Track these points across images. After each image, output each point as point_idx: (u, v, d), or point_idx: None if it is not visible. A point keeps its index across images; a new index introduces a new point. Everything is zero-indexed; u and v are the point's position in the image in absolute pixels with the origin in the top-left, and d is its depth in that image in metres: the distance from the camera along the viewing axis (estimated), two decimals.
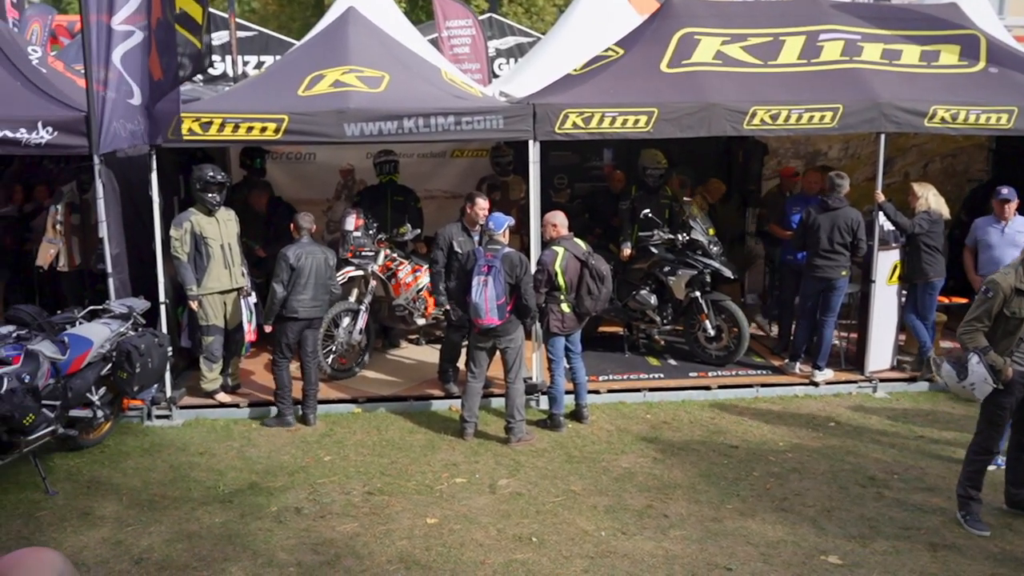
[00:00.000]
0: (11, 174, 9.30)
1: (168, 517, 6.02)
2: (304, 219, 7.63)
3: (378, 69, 8.13)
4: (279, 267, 7.40)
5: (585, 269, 7.27)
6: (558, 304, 7.36)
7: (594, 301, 7.31)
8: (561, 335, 7.44)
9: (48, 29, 14.28)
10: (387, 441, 7.30)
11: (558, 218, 7.49)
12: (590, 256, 7.32)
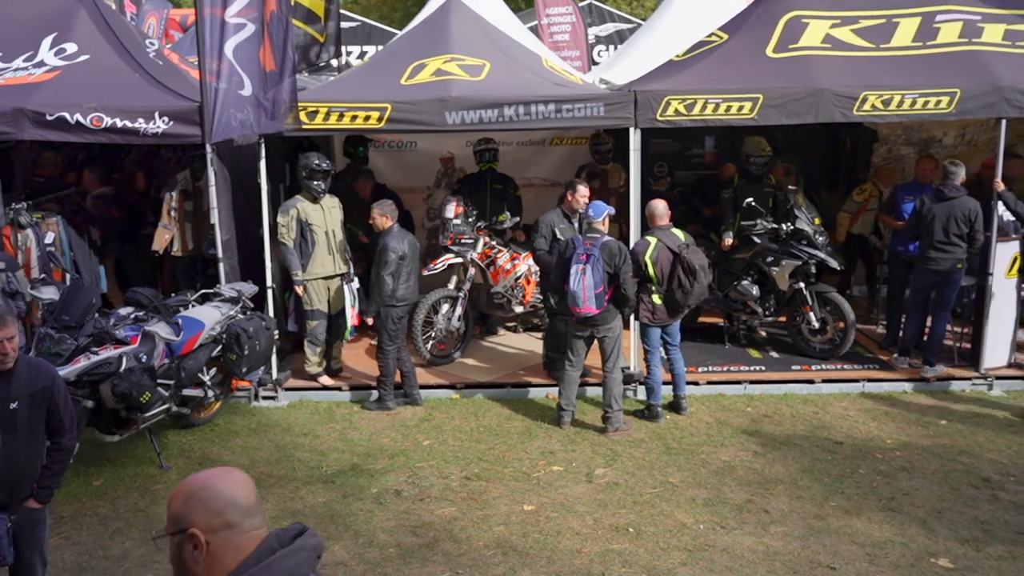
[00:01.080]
0: (131, 162, 9.70)
1: (274, 495, 6.21)
2: (391, 207, 7.68)
3: (479, 57, 8.17)
4: (387, 259, 7.43)
5: (677, 261, 7.15)
6: (649, 295, 7.27)
7: (684, 295, 7.16)
8: (652, 326, 7.35)
9: (164, 22, 14.85)
10: (484, 427, 7.37)
11: (651, 208, 7.40)
12: (684, 248, 7.18)
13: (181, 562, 1.97)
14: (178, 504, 1.97)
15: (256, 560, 1.93)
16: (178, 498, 1.98)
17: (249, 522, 1.97)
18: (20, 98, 7.26)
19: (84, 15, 8.24)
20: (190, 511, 1.94)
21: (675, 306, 7.28)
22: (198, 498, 1.96)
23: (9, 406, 3.93)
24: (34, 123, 7.17)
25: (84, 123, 7.16)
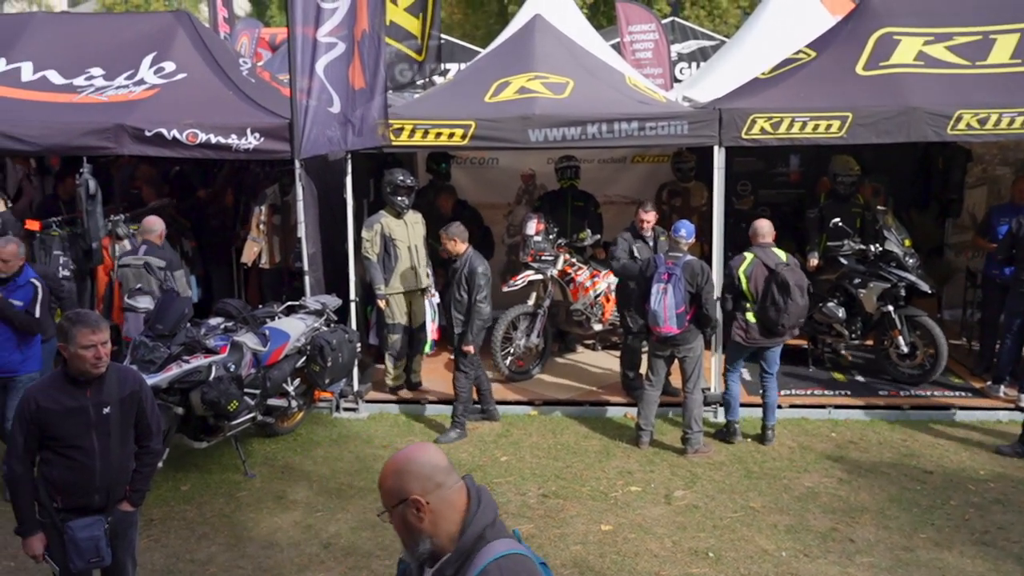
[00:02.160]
0: (223, 177, 10.00)
1: (354, 506, 6.30)
2: (461, 230, 7.39)
3: (563, 75, 8.21)
4: (479, 283, 7.21)
5: (772, 279, 7.01)
6: (743, 312, 7.16)
7: (778, 312, 6.98)
8: (744, 345, 7.22)
9: (255, 42, 15.30)
10: (562, 445, 7.35)
11: (754, 227, 7.28)
12: (782, 266, 7.04)
13: (409, 526, 2.29)
14: (392, 481, 2.28)
15: (477, 504, 2.30)
16: (389, 477, 2.29)
17: (452, 478, 2.31)
18: (121, 115, 7.58)
19: (182, 35, 8.57)
20: (405, 483, 2.27)
21: (769, 325, 7.08)
22: (407, 470, 2.28)
23: (102, 411, 4.06)
24: (133, 139, 7.47)
25: (180, 139, 7.43)
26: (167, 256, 7.55)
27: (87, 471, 4.04)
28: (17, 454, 4.00)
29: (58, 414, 3.97)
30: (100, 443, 4.06)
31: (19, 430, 4.00)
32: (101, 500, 4.12)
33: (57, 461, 4.02)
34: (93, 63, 8.40)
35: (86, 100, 7.91)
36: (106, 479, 4.10)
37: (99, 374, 4.02)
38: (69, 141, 7.55)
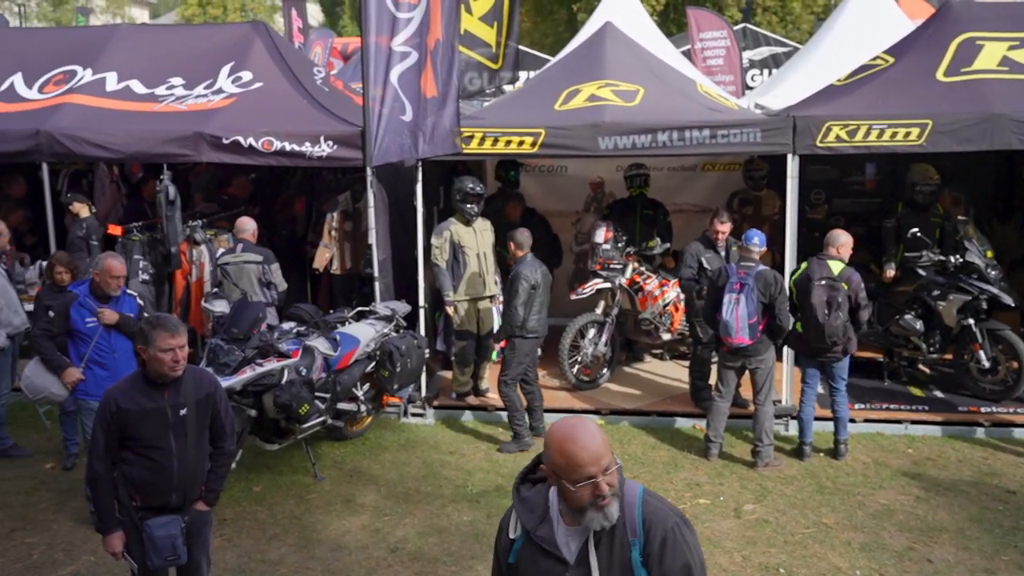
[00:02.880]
0: (295, 184, 10.19)
1: (421, 511, 6.34)
2: (526, 236, 7.43)
3: (633, 83, 8.16)
4: (517, 287, 7.17)
5: (811, 292, 6.87)
6: (795, 322, 7.04)
7: (806, 327, 6.92)
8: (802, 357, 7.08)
9: (328, 51, 15.58)
10: (629, 455, 7.28)
11: (830, 237, 7.11)
12: (818, 280, 6.85)
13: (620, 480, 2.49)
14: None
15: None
16: (603, 440, 2.45)
17: None
18: (199, 123, 7.77)
19: (259, 45, 8.77)
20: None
21: (810, 338, 6.97)
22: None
23: (179, 412, 4.16)
24: (211, 146, 7.65)
25: (256, 146, 7.58)
26: (263, 252, 7.81)
27: (165, 471, 4.14)
28: (98, 453, 4.11)
29: (137, 415, 4.08)
30: (177, 444, 4.16)
31: (100, 430, 4.11)
32: (178, 499, 4.22)
33: (136, 461, 4.13)
34: (174, 73, 8.64)
35: (167, 109, 8.14)
36: (183, 479, 4.19)
37: (176, 376, 4.12)
38: (150, 149, 7.77)
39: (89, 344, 6.01)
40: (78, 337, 6.05)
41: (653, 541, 2.46)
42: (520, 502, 2.59)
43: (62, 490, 6.69)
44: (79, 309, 6.01)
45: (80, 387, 6.06)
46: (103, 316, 6.00)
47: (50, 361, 6.06)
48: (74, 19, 35.53)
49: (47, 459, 7.22)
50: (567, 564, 2.50)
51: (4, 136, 7.90)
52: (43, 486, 6.78)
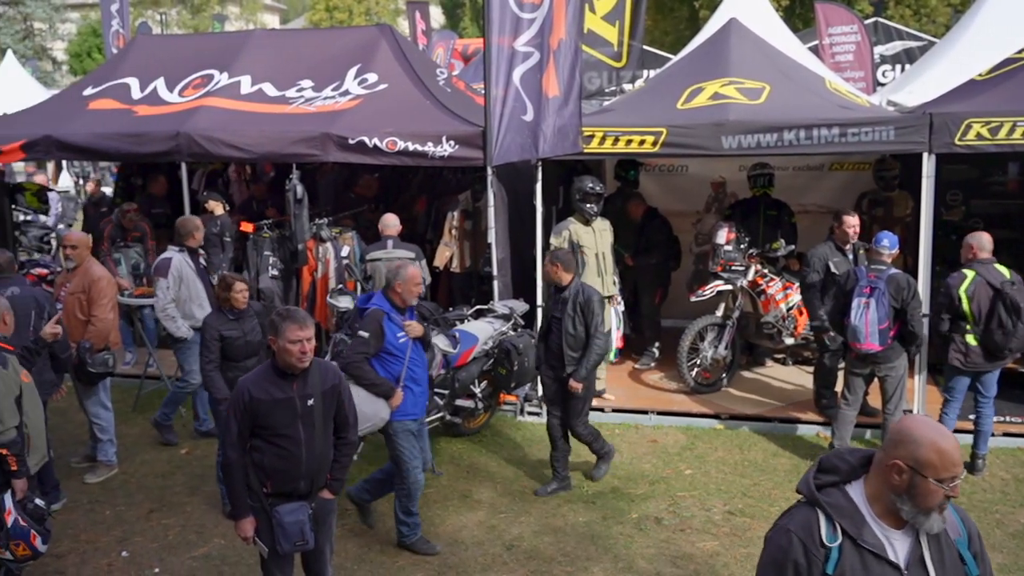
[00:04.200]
0: (417, 184, 10.39)
1: (536, 510, 6.35)
2: (568, 257, 6.57)
3: (759, 80, 7.96)
4: (599, 311, 6.39)
5: (999, 299, 6.48)
6: (962, 334, 6.65)
7: (1006, 336, 6.41)
8: (963, 371, 6.72)
9: (450, 52, 15.81)
10: (749, 461, 7.11)
11: (978, 239, 6.75)
12: (1009, 285, 6.50)
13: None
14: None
15: None
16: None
17: None
18: (327, 124, 8.01)
19: (385, 47, 8.98)
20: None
21: (993, 349, 6.54)
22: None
23: (307, 402, 4.29)
24: (338, 146, 7.87)
25: (380, 146, 7.75)
26: (411, 248, 8.00)
27: (294, 459, 4.28)
28: (231, 441, 4.28)
29: (268, 404, 4.23)
30: (305, 433, 4.29)
31: (233, 419, 4.27)
32: (306, 487, 4.36)
33: (267, 449, 4.28)
34: (303, 76, 8.94)
35: (297, 111, 8.43)
36: (310, 467, 4.33)
37: (304, 368, 4.26)
38: (281, 149, 8.06)
39: (402, 361, 5.57)
40: (388, 354, 5.57)
41: (973, 537, 2.58)
42: (831, 507, 2.53)
43: (196, 475, 7.01)
44: (389, 324, 5.54)
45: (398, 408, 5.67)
46: (411, 329, 5.62)
47: (379, 386, 5.53)
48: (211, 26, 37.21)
49: (182, 444, 7.57)
50: (899, 568, 2.48)
51: (147, 138, 8.34)
52: (178, 470, 7.13)
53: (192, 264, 7.40)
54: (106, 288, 6.94)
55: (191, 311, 7.32)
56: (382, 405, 5.56)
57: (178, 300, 7.24)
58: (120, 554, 5.81)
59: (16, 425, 4.86)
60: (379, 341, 5.52)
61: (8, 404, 4.84)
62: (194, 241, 7.41)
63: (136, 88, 9.26)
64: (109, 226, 9.68)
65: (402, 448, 5.67)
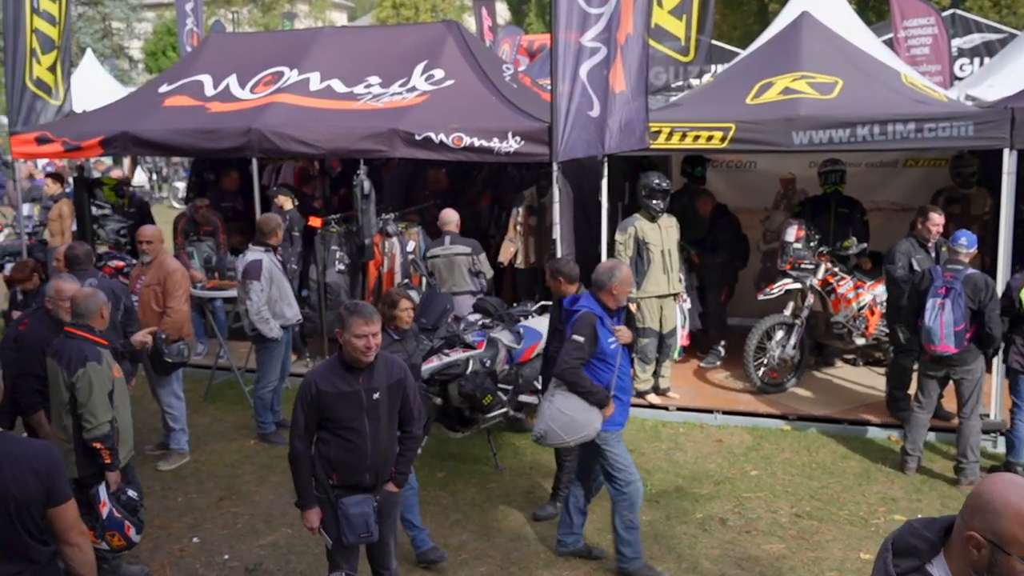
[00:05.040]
0: (482, 180, 10.42)
1: (599, 507, 6.26)
2: (573, 269, 6.00)
3: (831, 74, 7.80)
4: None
5: None
6: (1022, 337, 6.45)
7: None
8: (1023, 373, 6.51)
9: (515, 48, 15.82)
10: (817, 463, 6.97)
11: None
12: None
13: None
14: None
15: None
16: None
17: None
18: (394, 120, 8.07)
19: (452, 44, 9.01)
20: None
21: None
22: None
23: (373, 396, 4.33)
24: (405, 142, 7.92)
25: (447, 142, 7.78)
26: (470, 243, 8.05)
27: (359, 452, 4.33)
28: (299, 433, 4.34)
29: (334, 397, 4.27)
30: (371, 426, 4.34)
31: (300, 411, 4.32)
32: (371, 479, 4.41)
33: (333, 441, 4.33)
34: (371, 72, 9.03)
35: (364, 107, 8.52)
36: (375, 460, 4.38)
37: (369, 362, 4.30)
38: (349, 145, 8.15)
39: (613, 368, 5.24)
40: (600, 360, 5.21)
41: None
42: None
43: (264, 465, 7.14)
44: (602, 328, 5.19)
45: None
46: (622, 335, 5.33)
47: (594, 394, 5.15)
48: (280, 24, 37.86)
49: (251, 435, 7.72)
50: None
51: (220, 134, 8.52)
52: (247, 460, 7.27)
53: (278, 263, 7.55)
54: (180, 280, 7.11)
55: (281, 310, 7.46)
56: (595, 415, 5.15)
57: (269, 301, 7.36)
58: (191, 540, 5.95)
59: (109, 420, 5.01)
60: (593, 346, 5.14)
61: (102, 399, 4.99)
62: (276, 239, 7.54)
63: (209, 85, 9.46)
64: (182, 220, 9.93)
65: (617, 456, 5.33)
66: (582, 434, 5.17)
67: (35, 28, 9.44)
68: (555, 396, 5.19)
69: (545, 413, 5.22)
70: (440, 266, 8.01)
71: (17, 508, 3.14)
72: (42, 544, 3.28)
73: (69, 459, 4.96)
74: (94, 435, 4.95)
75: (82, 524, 3.46)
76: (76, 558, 3.34)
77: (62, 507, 3.27)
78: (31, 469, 3.18)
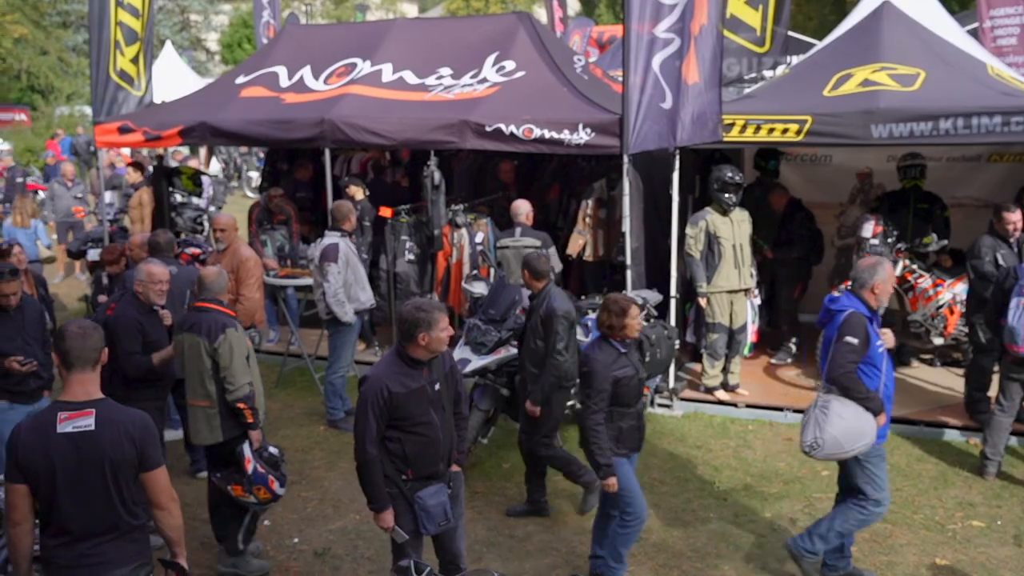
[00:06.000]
0: (551, 172, 10.38)
1: (665, 503, 6.27)
2: (545, 263, 6.09)
3: (913, 66, 7.57)
4: (557, 327, 5.80)
5: None
6: None
7: None
8: None
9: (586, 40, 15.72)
10: (892, 465, 6.75)
11: None
12: None
13: None
14: None
15: None
16: None
17: None
18: (465, 111, 8.10)
19: (523, 35, 9.00)
20: None
21: None
22: None
23: (435, 387, 4.41)
24: (475, 134, 7.96)
25: (517, 134, 7.79)
26: (540, 235, 8.05)
27: (434, 443, 4.38)
28: (371, 438, 4.28)
29: (405, 396, 4.29)
30: (439, 417, 4.40)
31: (372, 416, 4.26)
32: (444, 467, 4.48)
33: (406, 438, 4.33)
34: (443, 64, 9.07)
35: (435, 98, 8.56)
36: (446, 447, 4.45)
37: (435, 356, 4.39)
38: (420, 136, 8.20)
39: (880, 374, 4.96)
40: (868, 365, 4.94)
41: None
42: None
43: (333, 451, 7.25)
44: (872, 330, 4.94)
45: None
46: (887, 338, 5.07)
47: (871, 400, 4.85)
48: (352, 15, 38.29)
49: (321, 421, 7.85)
50: None
51: (295, 124, 8.65)
52: (317, 446, 7.39)
53: (353, 248, 7.67)
54: (253, 268, 7.25)
55: (355, 294, 7.58)
56: (869, 421, 4.83)
57: (344, 284, 7.47)
58: (263, 523, 6.07)
59: (249, 382, 5.32)
60: (865, 349, 4.86)
61: (241, 363, 5.30)
62: (349, 225, 7.67)
63: (284, 76, 9.61)
64: (257, 209, 10.12)
65: (875, 475, 5.02)
66: (861, 443, 4.80)
67: (119, 21, 9.71)
68: (831, 403, 4.83)
69: (819, 420, 4.82)
70: (510, 257, 8.01)
71: (112, 470, 3.49)
72: (130, 515, 3.58)
73: (213, 424, 5.32)
74: (237, 396, 5.25)
75: (173, 491, 3.70)
76: (165, 521, 3.68)
77: (154, 472, 3.60)
78: (127, 434, 3.53)
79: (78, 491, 3.48)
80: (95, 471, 3.47)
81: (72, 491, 3.48)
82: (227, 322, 5.35)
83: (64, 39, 33.32)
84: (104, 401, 3.58)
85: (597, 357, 4.89)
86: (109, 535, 3.55)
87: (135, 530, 3.62)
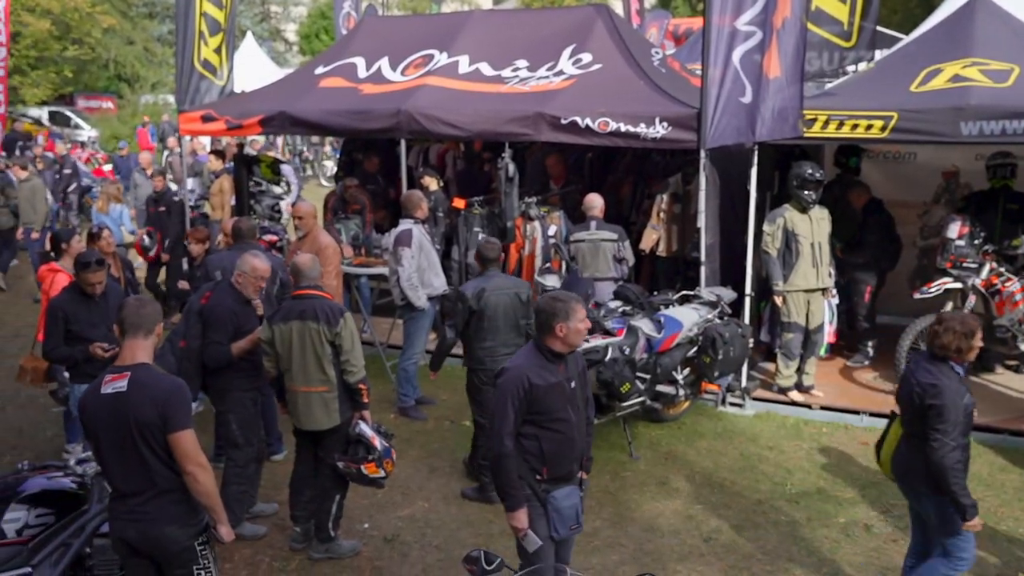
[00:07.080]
0: (624, 166, 10.29)
1: (736, 503, 6.19)
2: (491, 249, 6.45)
3: (1007, 61, 7.32)
4: (457, 309, 6.27)
5: None
6: None
7: None
8: None
9: (663, 32, 15.55)
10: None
11: None
12: None
13: None
14: None
15: None
16: None
17: None
18: (540, 103, 8.09)
19: (600, 27, 8.95)
20: None
21: None
22: None
23: (571, 384, 4.28)
24: (550, 126, 7.94)
25: (592, 127, 7.75)
26: (615, 229, 8.07)
27: (571, 442, 4.24)
28: (509, 430, 4.11)
29: (544, 389, 4.15)
30: (575, 415, 4.27)
31: (511, 408, 4.10)
32: (577, 469, 4.34)
33: (544, 435, 4.18)
34: (519, 55, 9.07)
35: (511, 90, 8.56)
36: (580, 448, 4.32)
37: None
38: (495, 128, 8.22)
39: None
40: None
41: None
42: None
43: (403, 439, 7.31)
44: None
45: None
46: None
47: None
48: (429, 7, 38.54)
49: (391, 409, 7.93)
50: None
51: (372, 115, 8.75)
52: None
53: (427, 235, 7.74)
54: (332, 256, 7.36)
55: (429, 280, 7.65)
56: None
57: (418, 269, 7.55)
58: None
59: (363, 365, 5.46)
60: None
61: (359, 348, 5.43)
62: (421, 213, 7.73)
63: (362, 67, 9.72)
64: (332, 198, 10.27)
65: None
66: None
67: (204, 11, 9.94)
68: None
69: None
70: (585, 251, 7.98)
71: (139, 429, 3.71)
72: (168, 469, 3.78)
73: (331, 408, 5.45)
74: (358, 377, 5.42)
75: (200, 456, 3.82)
76: (192, 486, 3.81)
77: (178, 434, 3.74)
78: (149, 397, 3.73)
79: (115, 449, 3.77)
80: (125, 430, 3.72)
81: (111, 448, 3.78)
82: (340, 307, 5.47)
83: (150, 29, 34.25)
84: (143, 366, 3.80)
85: (950, 386, 4.30)
86: (148, 492, 3.78)
87: (175, 491, 3.81)
